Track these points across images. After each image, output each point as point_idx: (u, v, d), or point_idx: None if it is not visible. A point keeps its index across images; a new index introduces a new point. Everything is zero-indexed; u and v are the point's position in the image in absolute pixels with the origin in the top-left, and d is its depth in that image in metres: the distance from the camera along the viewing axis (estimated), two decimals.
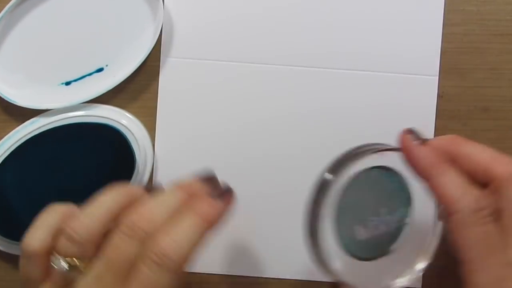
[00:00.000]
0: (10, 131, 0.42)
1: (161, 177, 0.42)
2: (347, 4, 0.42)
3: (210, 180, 0.34)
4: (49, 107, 0.41)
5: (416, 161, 0.34)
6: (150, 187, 0.34)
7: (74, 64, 0.42)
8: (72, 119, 0.41)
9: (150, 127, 0.42)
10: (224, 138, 0.42)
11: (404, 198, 0.38)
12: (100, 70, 0.42)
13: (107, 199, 0.32)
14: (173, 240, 0.30)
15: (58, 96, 0.41)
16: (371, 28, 0.42)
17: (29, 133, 0.41)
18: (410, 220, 0.38)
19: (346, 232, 0.36)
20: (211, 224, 0.31)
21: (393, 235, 0.38)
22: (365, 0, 0.42)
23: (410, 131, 0.35)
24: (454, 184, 0.32)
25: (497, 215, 0.32)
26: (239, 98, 0.42)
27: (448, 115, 0.42)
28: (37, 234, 0.31)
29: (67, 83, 0.42)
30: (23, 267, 0.32)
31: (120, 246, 0.30)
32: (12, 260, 0.42)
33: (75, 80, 0.42)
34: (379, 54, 0.42)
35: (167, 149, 0.42)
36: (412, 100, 0.42)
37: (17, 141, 0.41)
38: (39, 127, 0.41)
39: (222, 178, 0.42)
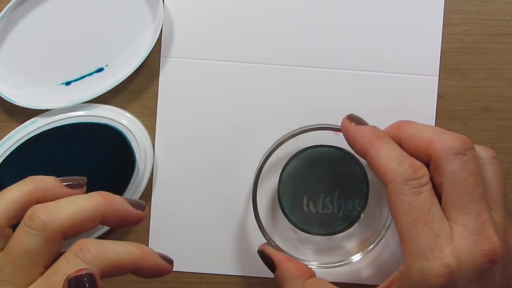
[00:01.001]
0: (10, 131, 0.41)
1: (161, 177, 0.42)
2: (347, 4, 0.42)
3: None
4: (49, 107, 0.41)
5: (355, 141, 0.35)
6: (72, 181, 0.34)
7: (74, 64, 0.42)
8: (72, 119, 0.41)
9: (150, 127, 0.42)
10: (224, 138, 0.42)
11: (363, 190, 0.39)
12: (100, 70, 0.42)
13: (14, 190, 0.32)
14: (48, 206, 0.30)
15: (58, 96, 0.41)
16: (371, 28, 0.42)
17: (29, 133, 0.41)
18: (364, 213, 0.39)
19: (294, 200, 0.39)
20: (108, 205, 0.31)
21: (342, 220, 0.39)
22: (365, 0, 0.42)
23: (350, 117, 0.36)
24: (388, 156, 0.33)
25: (440, 189, 0.33)
26: (239, 98, 0.42)
27: (448, 115, 0.42)
28: None
29: (67, 83, 0.42)
30: None
31: (19, 237, 0.30)
32: None
33: (75, 80, 0.42)
34: (379, 54, 0.42)
35: (167, 149, 0.42)
36: (412, 100, 0.42)
37: (17, 141, 0.41)
38: (39, 127, 0.41)
39: (223, 177, 0.42)
